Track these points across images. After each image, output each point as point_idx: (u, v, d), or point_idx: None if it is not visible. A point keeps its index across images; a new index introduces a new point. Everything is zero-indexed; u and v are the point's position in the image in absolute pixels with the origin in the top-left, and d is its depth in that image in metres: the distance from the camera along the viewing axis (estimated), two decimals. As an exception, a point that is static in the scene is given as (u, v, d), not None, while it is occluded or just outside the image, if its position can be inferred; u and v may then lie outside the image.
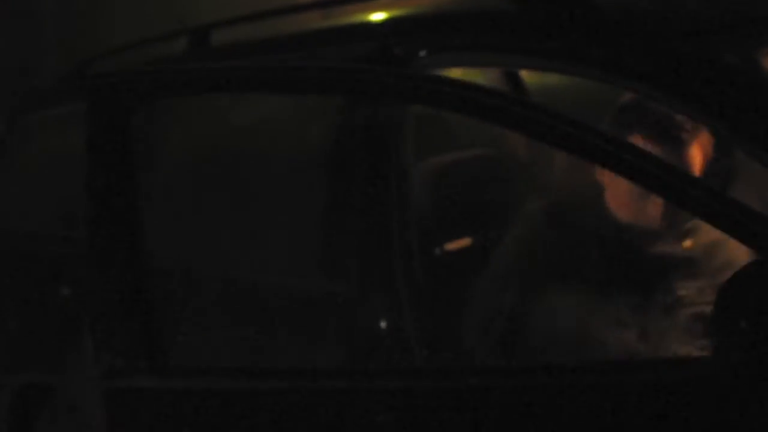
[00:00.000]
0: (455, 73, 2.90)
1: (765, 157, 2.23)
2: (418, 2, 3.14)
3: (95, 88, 2.60)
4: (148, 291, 2.57)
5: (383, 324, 2.55)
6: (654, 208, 2.60)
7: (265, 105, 3.07)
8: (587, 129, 2.10)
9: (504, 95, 2.22)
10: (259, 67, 2.61)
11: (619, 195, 2.62)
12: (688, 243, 2.69)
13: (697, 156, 2.66)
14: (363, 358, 2.60)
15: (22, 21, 6.26)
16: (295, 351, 2.70)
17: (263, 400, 2.45)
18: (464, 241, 2.94)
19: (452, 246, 2.93)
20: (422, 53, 2.64)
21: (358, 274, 2.61)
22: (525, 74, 3.40)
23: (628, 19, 2.52)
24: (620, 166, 2.09)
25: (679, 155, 2.61)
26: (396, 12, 2.93)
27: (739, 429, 1.92)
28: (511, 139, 3.04)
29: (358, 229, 2.63)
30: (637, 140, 2.60)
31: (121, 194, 2.57)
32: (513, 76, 3.35)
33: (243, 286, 2.89)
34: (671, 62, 2.36)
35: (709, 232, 2.62)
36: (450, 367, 2.43)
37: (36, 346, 3.45)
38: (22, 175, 3.65)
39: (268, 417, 2.44)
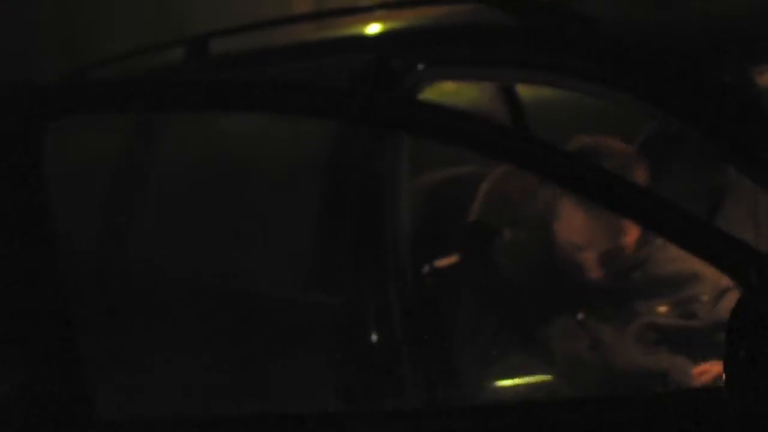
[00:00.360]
0: (450, 87, 2.92)
1: (757, 174, 2.24)
2: (414, 15, 3.15)
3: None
4: (71, 332, 2.10)
5: (374, 337, 2.56)
6: (608, 232, 2.65)
7: (259, 115, 3.07)
8: (572, 158, 2.08)
9: (497, 127, 2.17)
10: (199, 82, 2.36)
11: (572, 219, 2.66)
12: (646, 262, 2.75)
13: None
14: (353, 374, 2.60)
15: (21, 26, 6.26)
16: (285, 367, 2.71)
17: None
18: (456, 258, 2.94)
19: (444, 262, 2.94)
20: (420, 66, 2.65)
21: (350, 287, 2.62)
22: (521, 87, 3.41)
23: (626, 36, 2.53)
24: (593, 191, 2.07)
25: None
26: (393, 24, 2.94)
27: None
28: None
29: (351, 242, 2.64)
30: None
31: (30, 225, 2.13)
32: (508, 89, 3.36)
33: (236, 298, 2.89)
34: (666, 79, 2.36)
35: (668, 248, 2.67)
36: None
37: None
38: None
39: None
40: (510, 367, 2.69)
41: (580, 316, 2.69)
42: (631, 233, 2.67)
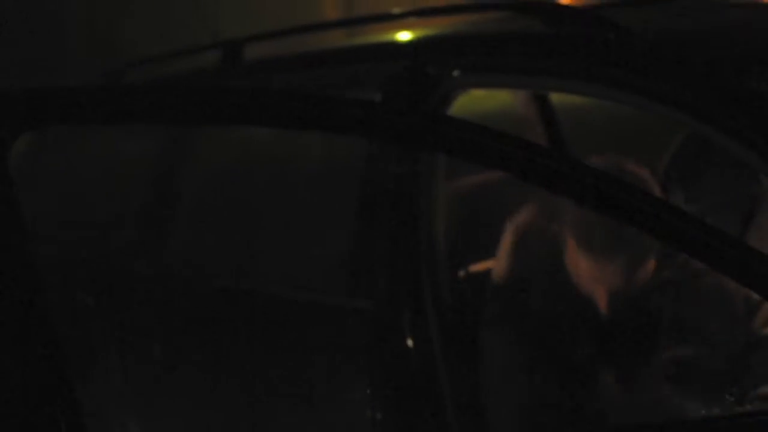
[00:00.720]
0: (481, 92, 2.92)
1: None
2: (443, 23, 3.16)
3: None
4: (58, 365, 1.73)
5: (410, 342, 2.56)
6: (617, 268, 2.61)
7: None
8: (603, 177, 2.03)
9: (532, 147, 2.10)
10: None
11: (577, 261, 2.63)
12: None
13: None
14: (388, 379, 2.60)
15: (48, 28, 6.29)
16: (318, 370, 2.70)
17: None
18: (490, 263, 2.94)
19: (480, 266, 2.94)
20: (455, 73, 2.66)
21: (386, 291, 2.62)
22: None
23: (661, 46, 2.53)
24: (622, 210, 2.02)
25: None
26: (429, 32, 2.95)
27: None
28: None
29: (386, 246, 2.65)
30: None
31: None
32: (541, 97, 3.36)
33: (270, 303, 2.89)
34: (700, 88, 2.36)
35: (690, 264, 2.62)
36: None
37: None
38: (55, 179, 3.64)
39: None
40: (538, 391, 2.66)
41: (607, 346, 2.64)
42: (646, 266, 2.60)
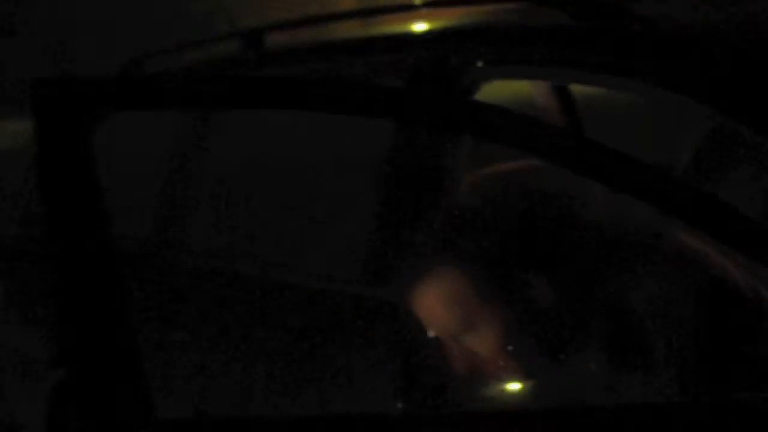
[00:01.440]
0: (496, 86, 2.92)
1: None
2: (462, 13, 3.16)
3: (44, 98, 1.98)
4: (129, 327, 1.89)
5: (431, 333, 2.56)
6: None
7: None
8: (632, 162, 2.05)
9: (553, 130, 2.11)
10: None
11: None
12: None
13: None
14: (412, 370, 2.60)
15: (55, 23, 6.31)
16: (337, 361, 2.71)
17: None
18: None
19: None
20: (479, 64, 2.66)
21: (405, 281, 2.62)
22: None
23: (683, 37, 2.53)
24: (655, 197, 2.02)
25: None
26: (449, 22, 2.95)
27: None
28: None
29: (410, 236, 2.65)
30: None
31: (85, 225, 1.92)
32: (562, 88, 3.36)
33: (295, 293, 2.90)
34: (722, 79, 2.37)
35: None
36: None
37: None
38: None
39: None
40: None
41: None
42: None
